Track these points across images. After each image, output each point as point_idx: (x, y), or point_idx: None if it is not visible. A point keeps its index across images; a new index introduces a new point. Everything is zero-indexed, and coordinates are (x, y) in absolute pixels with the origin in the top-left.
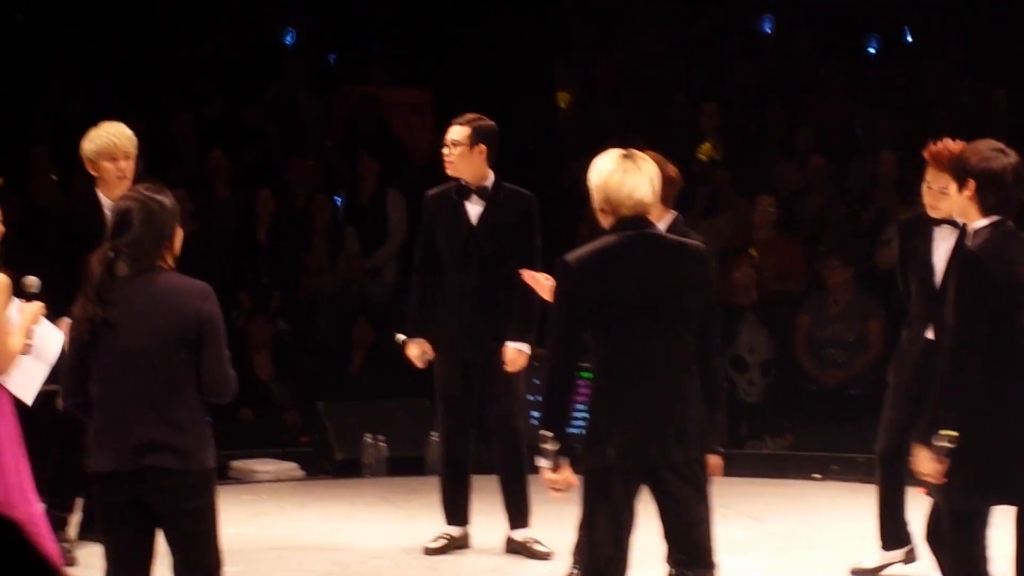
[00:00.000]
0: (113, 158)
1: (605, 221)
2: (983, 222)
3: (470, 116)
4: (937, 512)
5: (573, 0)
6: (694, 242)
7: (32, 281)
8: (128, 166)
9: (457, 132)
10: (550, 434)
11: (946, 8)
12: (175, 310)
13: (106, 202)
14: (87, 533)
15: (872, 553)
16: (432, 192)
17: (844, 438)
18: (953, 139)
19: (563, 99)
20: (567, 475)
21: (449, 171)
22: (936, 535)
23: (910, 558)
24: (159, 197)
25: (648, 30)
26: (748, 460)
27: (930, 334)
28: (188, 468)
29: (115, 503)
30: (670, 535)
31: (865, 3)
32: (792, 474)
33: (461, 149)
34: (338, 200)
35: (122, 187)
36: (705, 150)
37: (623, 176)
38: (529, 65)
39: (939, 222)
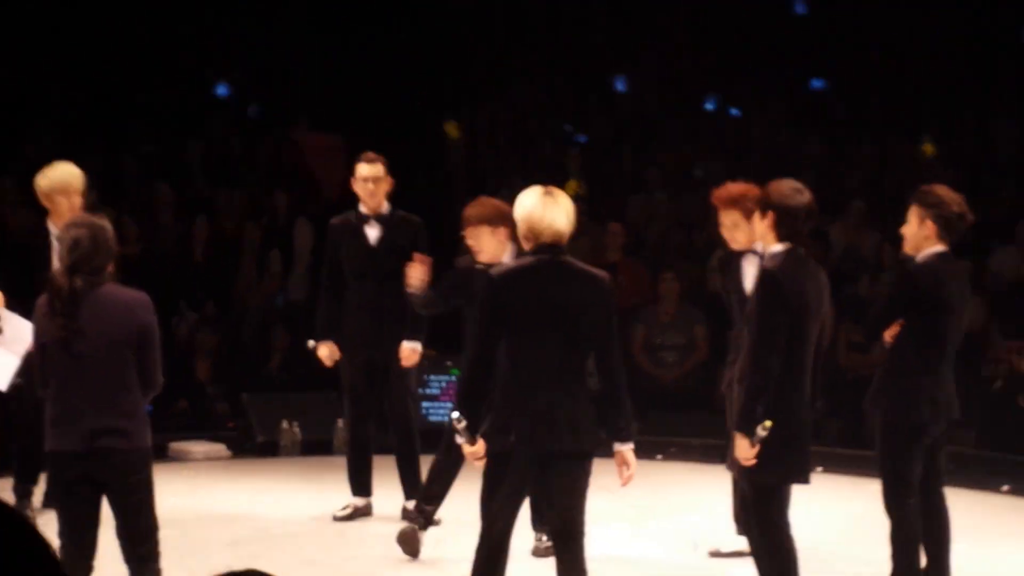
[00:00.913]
0: (66, 193)
1: (526, 246)
2: (778, 247)
3: (374, 154)
4: (743, 494)
5: (456, 61)
6: (598, 271)
7: None
8: (78, 201)
9: (378, 168)
10: (463, 420)
11: (772, 72)
12: (122, 319)
13: (54, 231)
14: (50, 503)
15: (730, 538)
16: (335, 220)
17: (680, 425)
18: (766, 181)
19: (451, 129)
20: (482, 448)
21: (372, 202)
22: (745, 516)
23: None
24: (100, 222)
25: (518, 87)
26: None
27: None
28: (132, 447)
29: (69, 479)
30: (547, 513)
31: (704, 68)
32: (639, 455)
33: (382, 182)
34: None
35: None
36: (570, 187)
37: (544, 209)
38: (422, 114)
39: (743, 253)
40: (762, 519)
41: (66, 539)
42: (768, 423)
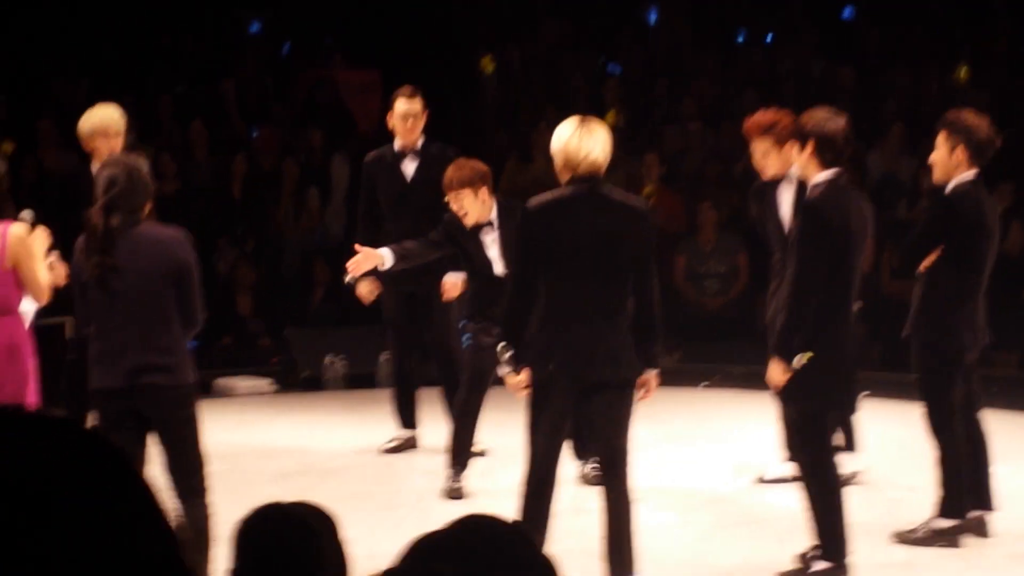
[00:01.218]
0: (106, 135)
1: (564, 178)
2: (822, 176)
3: (412, 89)
4: (787, 417)
5: None
6: (637, 200)
7: (27, 214)
8: (118, 143)
9: (416, 104)
10: (508, 350)
11: (803, 1)
12: (160, 256)
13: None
14: None
15: (775, 464)
16: (371, 155)
17: (723, 353)
18: (800, 111)
19: (487, 64)
20: (525, 378)
21: (410, 137)
22: (787, 436)
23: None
24: (136, 161)
25: (550, 20)
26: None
27: None
28: (174, 383)
29: (113, 415)
30: (593, 443)
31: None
32: (683, 383)
33: (420, 118)
34: None
35: None
36: (609, 117)
37: (580, 141)
38: (457, 49)
39: (776, 182)
40: (806, 445)
41: None
42: (808, 354)
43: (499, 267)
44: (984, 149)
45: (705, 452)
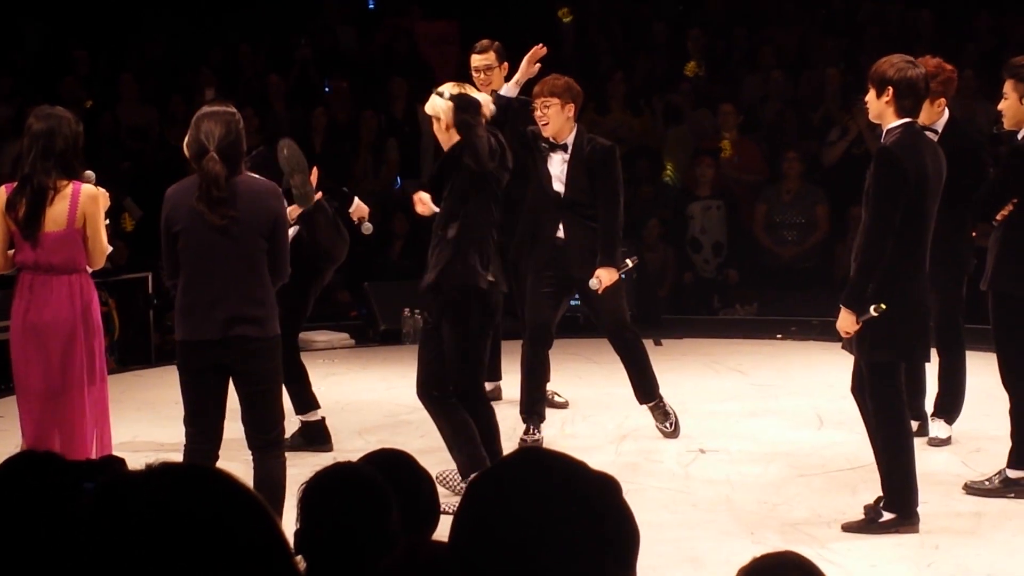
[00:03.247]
0: None
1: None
2: (896, 123)
3: (487, 42)
4: (858, 367)
5: None
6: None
7: (89, 174)
8: None
9: (489, 57)
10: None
11: None
12: (258, 207)
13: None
14: None
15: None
16: None
17: (799, 305)
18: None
19: (563, 15)
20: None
21: (485, 90)
22: (859, 387)
23: (920, 431)
24: (234, 111)
25: None
26: (723, 324)
27: None
28: (264, 334)
29: (198, 367)
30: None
31: None
32: (759, 335)
33: (495, 71)
34: None
35: None
36: (691, 68)
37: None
38: (534, 1)
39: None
40: (876, 396)
41: (193, 427)
42: (882, 305)
43: (558, 186)
44: None
45: (780, 404)
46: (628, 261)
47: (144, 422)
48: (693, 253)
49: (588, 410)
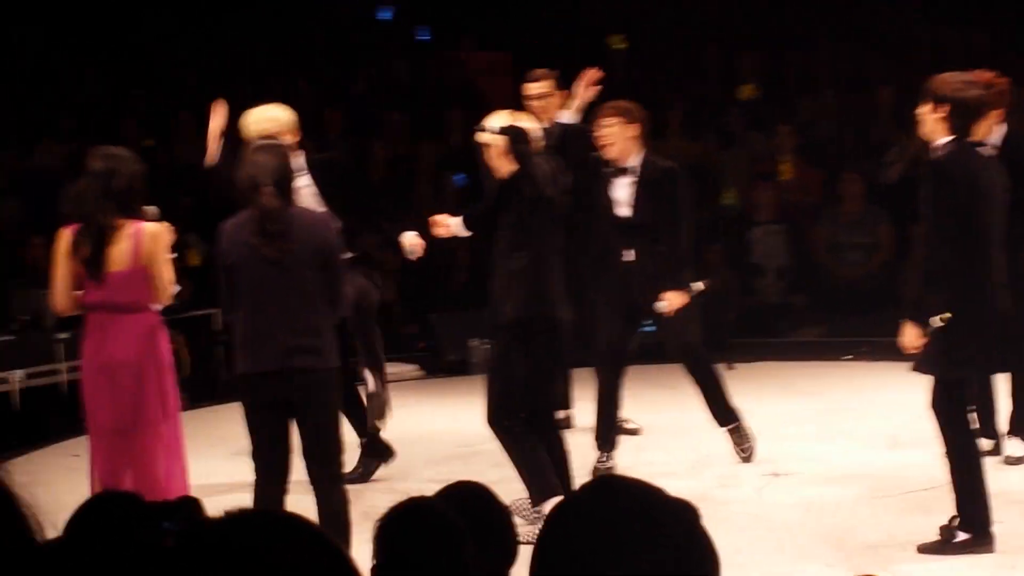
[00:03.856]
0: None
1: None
2: (946, 139)
3: (541, 71)
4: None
5: None
6: None
7: (151, 210)
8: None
9: (544, 86)
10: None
11: None
12: (313, 237)
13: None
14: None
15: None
16: None
17: (867, 325)
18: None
19: (615, 41)
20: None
21: (543, 119)
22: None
23: (995, 450)
24: (284, 146)
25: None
26: (792, 347)
27: None
28: (323, 366)
29: (260, 401)
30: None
31: None
32: (829, 356)
33: (551, 99)
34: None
35: None
36: (747, 90)
37: None
38: (586, 29)
39: None
40: (942, 412)
41: (260, 461)
42: (947, 315)
43: (625, 210)
44: None
45: (853, 425)
46: (700, 284)
47: (217, 458)
48: (756, 277)
49: (662, 437)
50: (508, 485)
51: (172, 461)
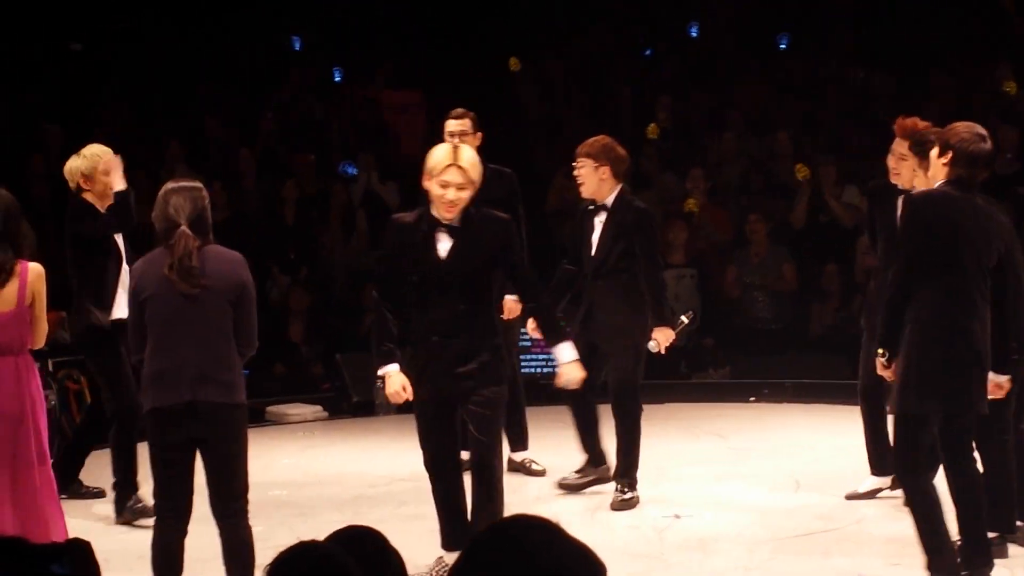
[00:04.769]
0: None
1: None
2: (942, 182)
3: (462, 110)
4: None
5: (524, 11)
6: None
7: None
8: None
9: (466, 124)
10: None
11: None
12: (226, 274)
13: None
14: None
15: (864, 479)
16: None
17: (772, 367)
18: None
19: (513, 63)
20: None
21: None
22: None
23: (896, 484)
24: (198, 185)
25: (589, 34)
26: (696, 388)
27: None
28: (232, 401)
29: (167, 440)
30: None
31: (775, 5)
32: (733, 398)
33: (469, 138)
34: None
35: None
36: (652, 129)
37: None
38: (495, 66)
39: (902, 191)
40: (903, 451)
41: (163, 500)
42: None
43: (594, 250)
44: None
45: (756, 466)
46: (683, 317)
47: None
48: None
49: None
50: (410, 527)
51: (52, 504)
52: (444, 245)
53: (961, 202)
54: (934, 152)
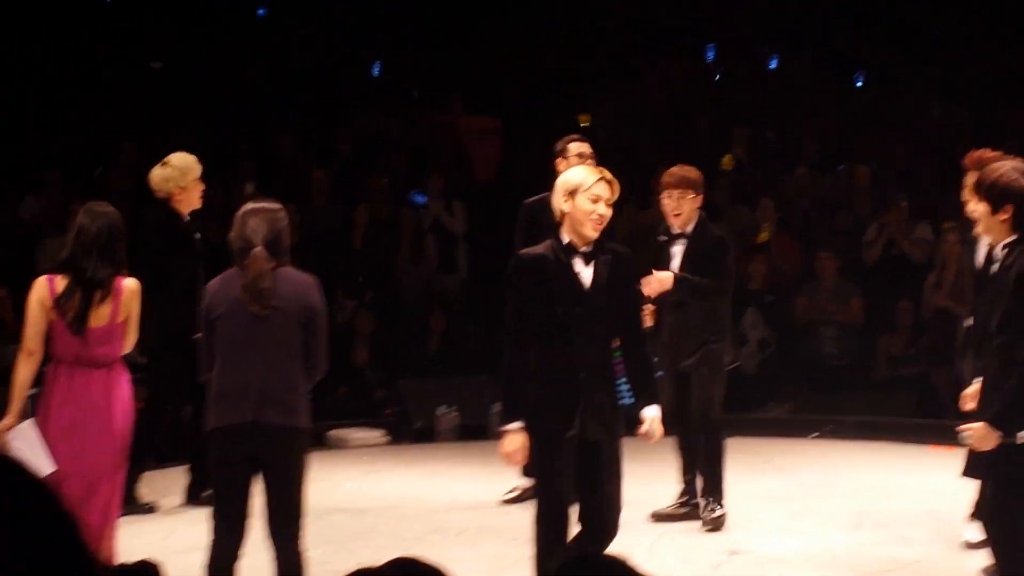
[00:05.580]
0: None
1: None
2: (1010, 239)
3: (579, 135)
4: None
5: (601, 42)
6: None
7: None
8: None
9: (586, 147)
10: None
11: (914, 39)
12: (297, 296)
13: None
14: (194, 497)
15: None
16: (532, 199)
17: (835, 403)
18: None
19: (583, 120)
20: None
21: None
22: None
23: None
24: (277, 207)
25: (663, 65)
26: (758, 423)
27: (969, 322)
28: (295, 424)
29: (229, 458)
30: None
31: (854, 41)
32: (795, 434)
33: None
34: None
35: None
36: (727, 161)
37: None
38: (571, 97)
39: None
40: (999, 521)
41: (220, 519)
42: None
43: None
44: None
45: (821, 504)
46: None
47: (179, 520)
48: (739, 347)
49: (627, 510)
50: (469, 555)
51: (110, 516)
52: (586, 274)
53: None
54: (983, 208)
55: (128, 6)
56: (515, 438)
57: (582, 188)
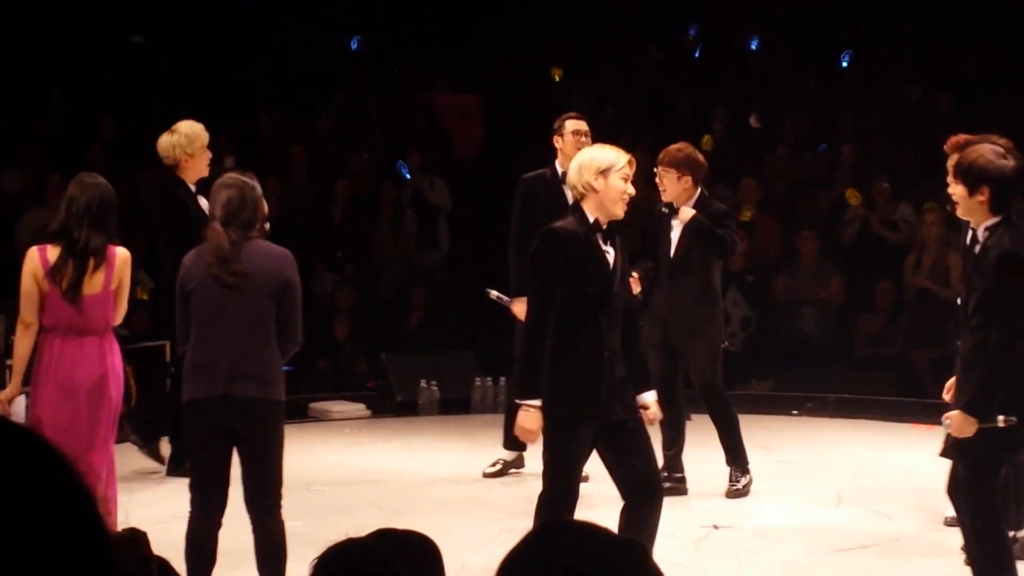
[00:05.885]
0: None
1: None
2: (992, 221)
3: (576, 113)
4: (956, 468)
5: (578, 23)
6: None
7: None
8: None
9: (583, 124)
10: None
11: (896, 25)
12: (270, 269)
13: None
14: (177, 467)
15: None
16: (529, 175)
17: (816, 380)
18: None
19: (555, 73)
20: None
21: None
22: (955, 489)
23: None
24: (249, 180)
25: (646, 46)
26: (738, 399)
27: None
28: (267, 396)
29: (204, 431)
30: None
31: (838, 22)
32: (775, 411)
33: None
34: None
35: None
36: (706, 142)
37: None
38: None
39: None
40: (975, 501)
41: (198, 492)
42: (1012, 418)
43: (672, 252)
44: None
45: (801, 480)
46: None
47: (164, 490)
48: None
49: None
50: (452, 528)
51: (109, 485)
52: (609, 254)
53: None
54: (960, 190)
55: None
56: (534, 416)
57: (615, 168)
